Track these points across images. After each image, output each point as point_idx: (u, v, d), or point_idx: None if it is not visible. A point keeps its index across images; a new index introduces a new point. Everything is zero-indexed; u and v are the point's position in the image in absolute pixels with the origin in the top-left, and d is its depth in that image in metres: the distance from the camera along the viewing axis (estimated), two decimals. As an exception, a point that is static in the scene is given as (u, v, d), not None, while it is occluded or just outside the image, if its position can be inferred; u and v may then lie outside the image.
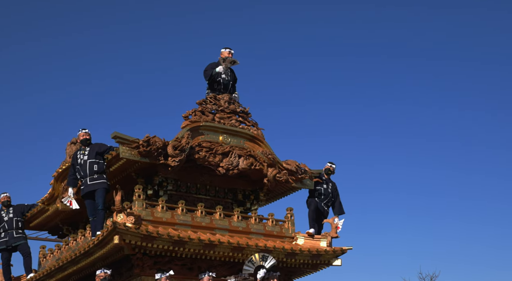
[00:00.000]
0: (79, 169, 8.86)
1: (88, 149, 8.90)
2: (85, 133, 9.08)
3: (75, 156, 8.99)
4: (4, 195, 10.78)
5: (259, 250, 8.83)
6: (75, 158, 8.96)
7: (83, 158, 8.86)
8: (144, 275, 8.31)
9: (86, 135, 9.06)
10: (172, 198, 9.24)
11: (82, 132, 9.13)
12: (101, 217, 8.53)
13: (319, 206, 10.03)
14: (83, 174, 8.80)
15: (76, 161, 8.94)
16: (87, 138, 9.02)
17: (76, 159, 8.93)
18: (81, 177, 8.87)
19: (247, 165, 9.42)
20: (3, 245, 10.37)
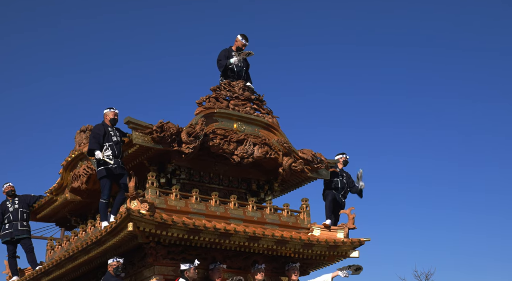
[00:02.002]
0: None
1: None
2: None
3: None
4: (8, 185, 10.54)
5: (275, 240, 8.57)
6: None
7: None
8: (158, 265, 8.03)
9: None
10: (185, 187, 8.97)
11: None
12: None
13: (337, 197, 9.78)
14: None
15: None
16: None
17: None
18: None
19: (262, 154, 9.16)
20: (7, 236, 10.12)
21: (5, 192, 10.44)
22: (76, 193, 9.88)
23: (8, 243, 10.14)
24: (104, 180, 8.21)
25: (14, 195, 10.50)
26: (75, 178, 9.70)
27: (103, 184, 8.24)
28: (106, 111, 8.55)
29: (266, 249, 8.62)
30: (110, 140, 8.26)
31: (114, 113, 8.51)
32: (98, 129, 8.33)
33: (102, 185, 8.25)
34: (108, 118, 8.48)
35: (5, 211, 10.31)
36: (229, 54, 9.64)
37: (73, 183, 9.71)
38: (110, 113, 8.50)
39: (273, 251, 8.74)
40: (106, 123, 8.42)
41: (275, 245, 8.59)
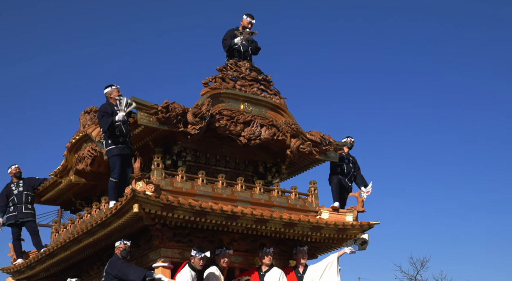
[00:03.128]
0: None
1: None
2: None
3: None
4: (15, 166, 10.42)
5: (283, 223, 8.42)
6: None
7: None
8: (164, 247, 7.89)
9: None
10: (190, 169, 8.81)
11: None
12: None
13: (343, 182, 9.60)
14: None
15: None
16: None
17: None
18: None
19: (270, 135, 8.97)
20: (12, 219, 10.02)
21: (12, 173, 10.33)
22: (80, 175, 9.75)
23: (12, 226, 10.04)
24: (114, 158, 8.05)
25: (20, 177, 10.38)
26: (79, 160, 9.56)
27: (113, 163, 8.08)
28: (107, 90, 8.35)
29: (274, 232, 8.47)
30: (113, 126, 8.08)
31: (117, 89, 8.30)
32: (105, 107, 8.14)
33: (112, 164, 8.09)
34: (112, 97, 8.29)
35: (10, 194, 10.19)
36: (234, 34, 9.44)
37: (77, 165, 9.58)
38: (114, 91, 8.29)
39: (281, 234, 8.60)
40: (111, 103, 8.24)
41: (283, 227, 8.44)
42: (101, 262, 9.07)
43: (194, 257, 7.55)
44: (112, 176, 8.05)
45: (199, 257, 7.50)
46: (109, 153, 8.05)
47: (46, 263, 9.41)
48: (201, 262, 7.55)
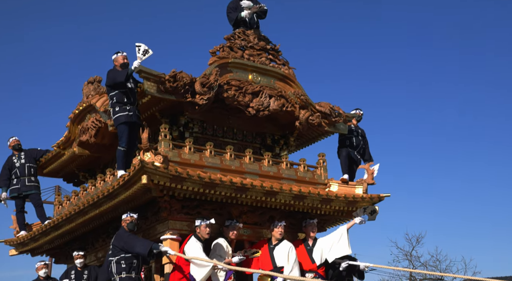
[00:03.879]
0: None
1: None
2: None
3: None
4: (13, 139, 10.21)
5: (293, 195, 8.28)
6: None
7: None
8: (172, 220, 7.75)
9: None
10: (197, 141, 8.62)
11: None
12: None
13: (352, 154, 9.44)
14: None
15: None
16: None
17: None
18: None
19: (278, 106, 8.77)
20: (15, 192, 9.84)
21: (11, 146, 10.11)
22: (84, 147, 9.55)
23: (15, 198, 9.87)
24: (122, 127, 7.83)
25: (20, 150, 10.18)
26: (83, 131, 9.35)
27: (120, 131, 7.86)
28: (114, 56, 8.08)
29: (283, 205, 8.34)
30: (124, 87, 7.85)
31: (123, 56, 8.04)
32: (113, 73, 7.88)
33: (120, 132, 7.87)
34: (118, 64, 8.03)
35: (12, 167, 10.00)
36: (237, 5, 9.15)
37: (81, 137, 9.37)
38: (120, 58, 8.03)
39: (290, 207, 8.46)
40: (117, 70, 7.99)
41: (293, 200, 8.30)
42: (107, 234, 8.94)
43: (200, 226, 7.41)
44: (120, 144, 7.85)
45: (205, 225, 7.37)
46: (116, 121, 7.82)
47: (50, 235, 9.27)
48: (207, 230, 7.42)
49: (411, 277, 23.10)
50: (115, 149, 9.49)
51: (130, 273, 7.00)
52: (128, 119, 7.73)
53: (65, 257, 10.04)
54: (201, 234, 7.45)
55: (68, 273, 8.81)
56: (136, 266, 7.10)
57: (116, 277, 7.01)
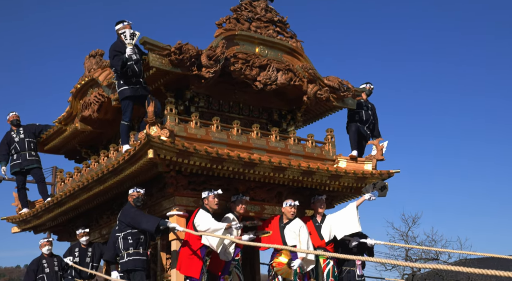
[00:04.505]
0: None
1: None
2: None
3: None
4: (13, 114, 9.98)
5: (301, 171, 8.10)
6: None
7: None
8: (178, 196, 7.57)
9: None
10: (203, 115, 8.40)
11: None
12: None
13: (362, 130, 9.23)
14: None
15: None
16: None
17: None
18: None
19: (286, 80, 8.54)
20: (17, 167, 9.62)
21: (10, 121, 9.89)
22: (86, 122, 9.34)
23: (17, 174, 9.67)
24: (127, 100, 7.60)
25: (19, 125, 9.96)
26: (85, 106, 9.13)
27: (125, 105, 7.64)
28: (118, 26, 7.79)
29: (292, 180, 8.16)
30: (129, 59, 7.59)
31: (129, 26, 7.77)
32: (117, 46, 7.62)
33: (124, 106, 7.65)
34: None
35: (11, 142, 9.77)
36: None
37: (83, 112, 9.15)
38: (125, 28, 7.76)
39: (298, 183, 8.29)
40: (122, 40, 7.73)
41: (301, 176, 8.12)
42: (111, 211, 8.78)
43: (207, 197, 7.27)
44: (123, 119, 7.64)
45: (213, 196, 7.25)
46: (121, 94, 7.59)
47: (53, 212, 9.10)
48: (215, 200, 7.28)
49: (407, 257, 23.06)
50: (118, 124, 9.28)
51: (138, 248, 6.85)
52: (134, 93, 7.50)
53: (68, 234, 9.89)
54: (209, 205, 7.29)
55: (72, 250, 8.66)
56: (143, 242, 6.94)
57: (123, 253, 6.85)
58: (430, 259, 22.56)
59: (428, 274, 22.73)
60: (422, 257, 22.80)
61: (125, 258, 6.79)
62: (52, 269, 9.04)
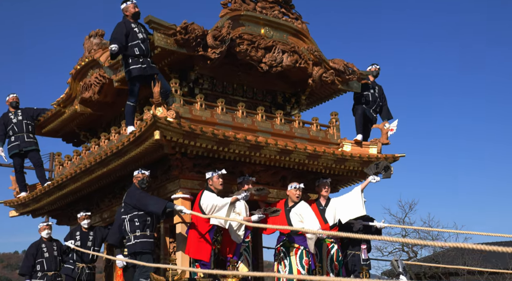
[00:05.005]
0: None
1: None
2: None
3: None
4: (13, 95, 9.77)
5: (307, 154, 8.00)
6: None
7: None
8: (183, 178, 7.45)
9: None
10: (207, 98, 8.25)
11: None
12: None
13: (367, 112, 9.13)
14: None
15: None
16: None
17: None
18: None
19: (292, 62, 8.41)
20: (16, 149, 9.41)
21: (9, 102, 9.67)
22: (86, 104, 9.15)
23: (15, 156, 9.46)
24: (133, 81, 7.43)
25: (17, 107, 9.75)
26: (85, 88, 8.94)
27: (131, 86, 7.47)
28: (123, 5, 7.59)
29: (297, 164, 8.06)
30: (135, 38, 7.41)
31: (133, 5, 7.56)
32: (120, 27, 7.41)
33: (131, 87, 7.49)
34: (129, 13, 7.57)
35: (8, 123, 9.55)
36: None
37: (83, 94, 8.96)
38: (130, 7, 7.56)
39: (303, 166, 8.19)
40: (128, 20, 7.53)
41: (307, 159, 8.02)
42: (113, 194, 8.64)
43: (212, 177, 7.16)
44: (129, 99, 7.47)
45: (217, 176, 7.15)
46: (128, 74, 7.41)
47: (53, 195, 8.93)
48: (220, 180, 7.18)
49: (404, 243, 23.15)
50: (118, 107, 9.16)
51: (145, 231, 6.72)
52: (142, 72, 7.32)
53: (68, 218, 9.73)
54: (214, 186, 7.18)
55: (73, 234, 8.51)
56: (150, 224, 6.81)
57: (130, 235, 6.72)
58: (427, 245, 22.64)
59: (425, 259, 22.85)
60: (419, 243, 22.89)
61: (132, 240, 6.67)
62: (51, 254, 8.91)
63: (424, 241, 4.99)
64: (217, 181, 7.22)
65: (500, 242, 26.50)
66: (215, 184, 7.20)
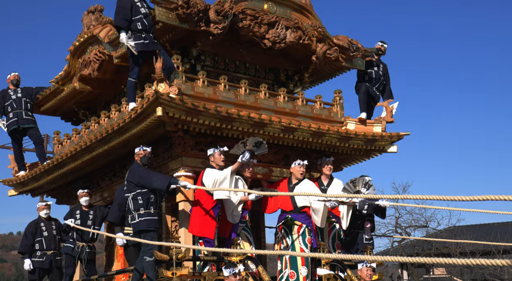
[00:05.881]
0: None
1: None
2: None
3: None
4: (14, 74, 9.59)
5: (311, 132, 7.88)
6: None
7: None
8: (185, 156, 7.33)
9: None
10: (209, 75, 8.09)
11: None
12: None
13: (371, 90, 8.99)
14: None
15: None
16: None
17: None
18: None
19: (295, 39, 8.25)
20: (14, 125, 9.22)
21: (10, 80, 9.49)
22: (85, 82, 8.98)
23: (14, 133, 9.29)
24: (136, 56, 7.26)
25: (18, 86, 9.58)
26: (85, 65, 8.76)
27: (134, 61, 7.30)
28: None
29: (301, 142, 7.95)
30: (138, 12, 7.23)
31: None
32: (124, 2, 7.25)
33: (133, 62, 7.32)
34: None
35: (6, 98, 9.36)
36: None
37: (82, 71, 8.78)
38: None
39: (307, 145, 8.08)
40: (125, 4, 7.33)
41: (311, 137, 7.91)
42: (113, 173, 8.53)
43: (213, 154, 7.05)
44: (131, 75, 7.31)
45: (218, 152, 7.04)
46: (129, 50, 7.24)
47: (52, 174, 8.81)
48: (222, 157, 7.07)
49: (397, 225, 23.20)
50: (117, 85, 9.00)
51: (149, 208, 6.60)
52: (144, 48, 7.16)
53: (67, 197, 9.62)
54: (215, 162, 7.07)
55: (73, 212, 8.40)
56: (154, 201, 6.69)
57: (134, 214, 6.61)
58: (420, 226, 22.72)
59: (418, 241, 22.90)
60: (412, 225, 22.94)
61: (137, 219, 6.55)
62: (50, 233, 8.81)
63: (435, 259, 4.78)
64: (219, 158, 7.11)
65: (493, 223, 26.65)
66: (216, 161, 7.09)
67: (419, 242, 22.77)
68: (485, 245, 20.22)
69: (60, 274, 8.68)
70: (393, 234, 22.88)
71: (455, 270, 22.21)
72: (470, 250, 20.61)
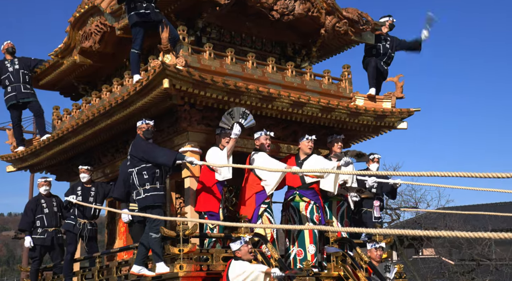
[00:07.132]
0: None
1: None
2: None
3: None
4: (7, 42, 9.28)
5: (320, 107, 7.66)
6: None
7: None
8: (191, 131, 7.10)
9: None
10: (215, 48, 7.82)
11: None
12: None
13: (379, 65, 8.74)
14: None
15: None
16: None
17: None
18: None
19: (304, 11, 7.97)
20: (13, 99, 8.94)
21: (5, 49, 9.16)
22: (86, 55, 8.69)
23: (13, 108, 9.02)
24: (137, 28, 6.99)
25: (14, 55, 9.26)
26: (85, 37, 8.46)
27: (135, 32, 7.03)
28: None
29: (309, 117, 7.73)
30: None
31: None
32: None
33: (134, 33, 7.05)
34: None
35: (4, 71, 9.05)
36: None
37: (83, 43, 8.49)
38: None
39: (315, 120, 7.86)
40: None
41: (320, 112, 7.69)
42: (116, 149, 8.29)
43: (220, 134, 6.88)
44: (133, 47, 7.03)
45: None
46: (131, 20, 6.96)
47: (53, 149, 8.56)
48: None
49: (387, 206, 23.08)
50: (118, 58, 8.73)
51: (154, 183, 6.38)
52: (145, 18, 6.87)
53: (68, 174, 9.38)
54: (222, 144, 6.87)
55: (74, 189, 8.17)
56: (159, 176, 6.47)
57: (139, 189, 6.38)
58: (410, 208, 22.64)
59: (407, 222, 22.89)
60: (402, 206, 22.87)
61: (143, 194, 6.34)
62: (51, 209, 8.59)
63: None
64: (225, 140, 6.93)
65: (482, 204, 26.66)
66: (222, 142, 6.91)
67: (408, 223, 22.71)
68: (472, 226, 20.23)
69: (62, 252, 8.48)
70: (383, 215, 22.87)
71: (444, 251, 22.21)
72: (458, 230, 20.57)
